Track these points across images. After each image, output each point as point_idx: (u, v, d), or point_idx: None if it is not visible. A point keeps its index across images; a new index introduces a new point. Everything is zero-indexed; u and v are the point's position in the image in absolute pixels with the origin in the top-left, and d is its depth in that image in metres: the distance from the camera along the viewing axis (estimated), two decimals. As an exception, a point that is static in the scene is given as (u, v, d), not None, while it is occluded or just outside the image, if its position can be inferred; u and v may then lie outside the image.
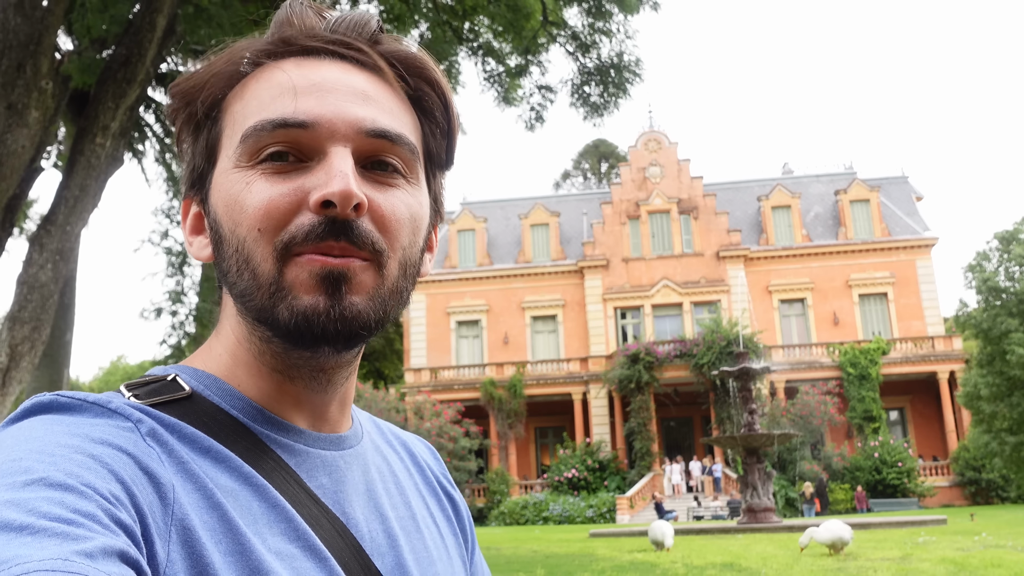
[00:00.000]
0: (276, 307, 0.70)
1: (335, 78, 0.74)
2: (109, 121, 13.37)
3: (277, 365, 0.75)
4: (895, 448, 33.28)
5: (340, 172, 0.69)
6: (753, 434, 19.13)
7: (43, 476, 0.55)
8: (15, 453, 0.58)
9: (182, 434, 0.68)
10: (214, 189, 0.75)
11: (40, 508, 0.52)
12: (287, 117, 0.71)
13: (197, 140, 0.77)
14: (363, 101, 0.73)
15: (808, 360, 36.80)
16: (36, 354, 12.87)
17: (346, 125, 0.72)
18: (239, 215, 0.71)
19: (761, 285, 39.85)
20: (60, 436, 0.60)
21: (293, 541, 0.67)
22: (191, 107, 0.76)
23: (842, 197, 40.64)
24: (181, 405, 0.71)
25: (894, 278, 39.05)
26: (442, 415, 34.26)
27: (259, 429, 0.73)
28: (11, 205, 13.01)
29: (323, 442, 0.77)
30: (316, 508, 0.71)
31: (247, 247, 0.71)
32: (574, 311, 40.82)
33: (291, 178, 0.71)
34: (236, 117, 0.74)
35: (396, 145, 0.74)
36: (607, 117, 17.74)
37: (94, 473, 0.57)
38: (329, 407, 0.79)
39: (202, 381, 0.75)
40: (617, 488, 34.30)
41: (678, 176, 41.67)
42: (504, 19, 16.01)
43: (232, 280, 0.73)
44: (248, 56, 0.75)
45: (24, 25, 12.03)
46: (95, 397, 0.66)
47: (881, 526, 17.01)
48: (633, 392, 35.08)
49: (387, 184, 0.74)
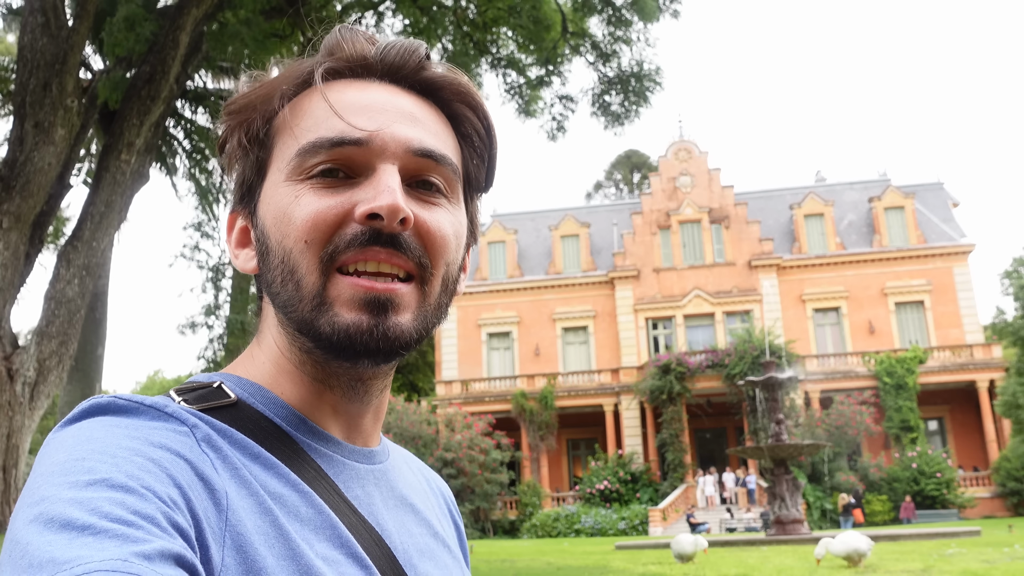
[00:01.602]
0: (318, 320, 0.72)
1: (385, 100, 0.77)
2: (134, 138, 13.61)
3: (317, 374, 0.77)
4: (934, 458, 32.66)
5: (388, 187, 0.72)
6: (780, 445, 18.87)
7: (106, 477, 0.57)
8: (78, 452, 0.59)
9: (233, 440, 0.69)
10: (263, 202, 0.78)
11: (102, 508, 0.54)
12: (344, 135, 0.74)
13: (248, 155, 0.80)
14: (411, 122, 0.77)
15: (843, 370, 36.30)
16: (64, 368, 13.10)
17: (395, 143, 0.75)
18: (287, 227, 0.74)
19: (794, 294, 39.43)
20: (121, 438, 0.62)
21: (338, 548, 0.69)
22: (246, 124, 0.79)
23: (876, 204, 40.12)
24: (228, 412, 0.72)
25: (931, 286, 38.43)
26: (473, 427, 34.26)
27: (300, 438, 0.75)
28: (39, 221, 13.26)
29: (357, 455, 0.79)
30: (355, 517, 0.73)
31: (293, 258, 0.73)
32: (605, 322, 40.67)
33: (339, 192, 0.74)
34: (289, 134, 0.77)
35: (440, 165, 0.77)
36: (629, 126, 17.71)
37: (153, 476, 0.59)
38: (364, 418, 0.81)
39: (246, 389, 0.77)
40: (650, 500, 34.03)
41: (709, 185, 41.42)
42: (525, 31, 16.07)
43: (276, 290, 0.75)
44: (302, 77, 0.78)
45: (50, 45, 12.29)
46: (152, 400, 0.67)
47: (911, 538, 16.69)
48: (665, 403, 34.83)
49: (430, 202, 0.77)
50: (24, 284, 13.99)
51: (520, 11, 15.98)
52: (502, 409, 37.82)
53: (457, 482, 32.87)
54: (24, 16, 12.99)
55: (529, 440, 37.47)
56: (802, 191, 42.98)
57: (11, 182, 12.49)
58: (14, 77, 14.09)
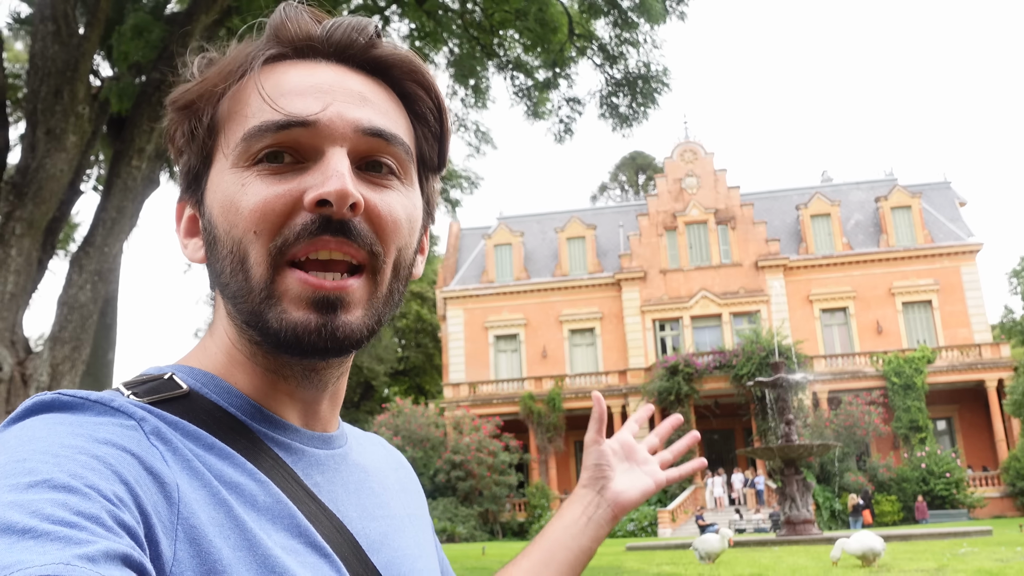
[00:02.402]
0: (266, 314, 0.71)
1: (332, 80, 0.75)
2: (144, 144, 13.66)
3: (269, 365, 0.76)
4: (943, 459, 32.58)
5: (336, 172, 0.70)
6: (790, 445, 18.85)
7: (47, 478, 0.55)
8: (19, 453, 0.57)
9: (185, 432, 0.68)
10: (209, 191, 0.76)
11: (43, 511, 0.52)
12: (290, 118, 0.72)
13: (192, 142, 0.78)
14: (360, 102, 0.75)
15: (851, 370, 36.23)
16: (77, 373, 13.15)
17: (344, 124, 0.73)
18: (234, 216, 0.72)
19: (802, 294, 39.38)
20: (64, 436, 0.60)
21: (296, 537, 0.68)
22: (190, 114, 0.77)
23: (883, 204, 40.05)
24: (180, 403, 0.71)
25: (938, 285, 38.34)
26: (481, 429, 34.27)
27: (256, 427, 0.74)
28: (52, 227, 13.32)
29: (316, 441, 0.78)
30: (314, 505, 0.72)
31: (242, 249, 0.72)
32: (612, 324, 40.66)
33: (287, 179, 0.72)
34: (234, 119, 0.75)
35: (391, 145, 0.75)
36: (637, 127, 17.71)
37: (97, 474, 0.57)
38: (320, 404, 0.80)
39: (199, 379, 0.75)
40: (658, 501, 34.00)
41: (715, 186, 41.40)
42: (532, 33, 16.09)
43: (225, 281, 0.74)
44: (245, 60, 0.76)
45: (61, 53, 12.36)
46: (97, 395, 0.66)
47: (923, 537, 16.67)
48: (673, 404, 34.81)
49: (381, 185, 0.75)
50: (36, 290, 14.06)
51: (527, 14, 16.00)
52: (510, 411, 37.83)
53: (466, 484, 32.88)
54: (35, 24, 13.06)
55: (537, 442, 37.47)
56: (808, 191, 42.93)
57: (24, 189, 12.56)
58: (24, 84, 14.17)
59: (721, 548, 12.71)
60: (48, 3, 12.47)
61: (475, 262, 43.30)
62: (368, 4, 18.26)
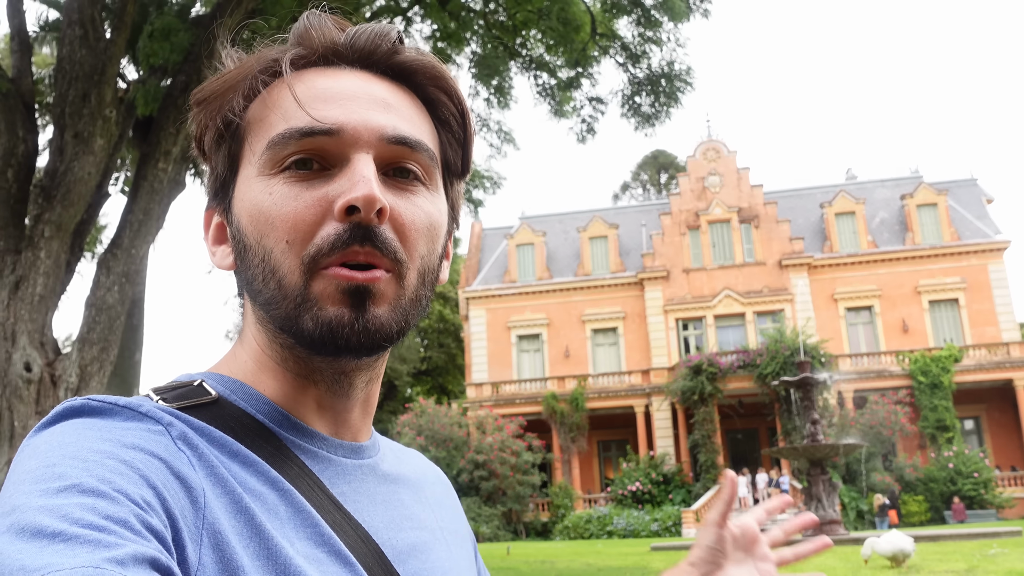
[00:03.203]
0: (301, 317, 0.72)
1: (356, 87, 0.76)
2: (170, 147, 13.78)
3: (300, 370, 0.76)
4: (970, 458, 32.23)
5: (363, 177, 0.71)
6: (816, 445, 18.71)
7: (76, 482, 0.56)
8: (49, 459, 0.58)
9: (211, 438, 0.69)
10: (237, 198, 0.77)
11: (73, 515, 0.53)
12: (314, 125, 0.72)
13: (219, 150, 0.78)
14: (384, 109, 0.75)
15: (877, 369, 35.92)
16: (105, 374, 13.29)
17: (368, 132, 0.73)
18: (265, 226, 0.73)
19: (826, 293, 39.09)
20: (93, 441, 0.61)
21: (319, 546, 0.68)
22: (218, 117, 0.77)
23: (908, 202, 39.68)
24: (208, 409, 0.72)
25: (965, 283, 37.94)
26: (504, 429, 34.29)
27: (283, 434, 0.74)
28: (79, 230, 13.48)
29: (344, 450, 0.78)
30: (339, 514, 0.72)
31: (274, 259, 0.72)
32: (635, 323, 40.55)
33: (315, 186, 0.72)
34: (260, 126, 0.75)
35: (416, 152, 0.76)
36: (659, 127, 17.66)
37: (126, 479, 0.58)
38: (351, 412, 0.80)
39: (228, 386, 0.76)
40: (682, 501, 33.88)
41: (738, 185, 41.19)
42: (555, 32, 16.08)
43: (257, 289, 0.74)
44: (270, 66, 0.77)
45: (88, 57, 12.50)
46: (126, 401, 0.67)
47: (952, 538, 16.50)
48: (696, 404, 34.66)
49: (407, 190, 0.75)
50: (65, 292, 14.22)
51: (549, 13, 16.00)
52: (533, 411, 37.82)
53: (489, 484, 32.92)
54: (63, 29, 13.21)
55: (560, 442, 37.45)
56: (833, 189, 42.61)
57: (52, 192, 12.71)
58: (51, 89, 14.33)
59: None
60: (75, 8, 12.61)
61: (497, 262, 43.33)
62: (391, 5, 18.33)
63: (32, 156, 13.18)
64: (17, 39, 13.54)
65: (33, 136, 13.18)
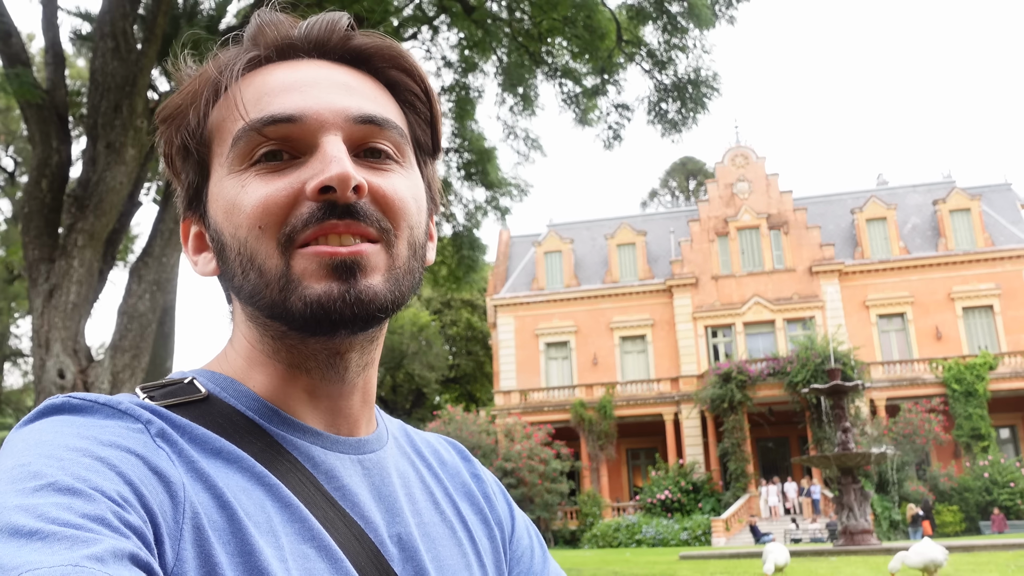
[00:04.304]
0: (288, 299, 0.71)
1: (316, 75, 0.76)
2: (200, 156, 14.00)
3: (292, 359, 0.75)
4: (1006, 468, 31.69)
5: (335, 157, 0.70)
6: (847, 453, 18.49)
7: (52, 481, 0.56)
8: (25, 457, 0.58)
9: (192, 435, 0.68)
10: (211, 200, 0.76)
11: (49, 513, 0.53)
12: (275, 113, 0.72)
13: (187, 159, 0.78)
14: (347, 92, 0.75)
15: (910, 377, 35.46)
16: (136, 381, 13.47)
17: (333, 114, 0.73)
18: (238, 217, 0.72)
19: (858, 300, 38.67)
20: (69, 439, 0.61)
21: (307, 541, 0.67)
22: (179, 129, 0.77)
23: (941, 207, 39.20)
24: (196, 407, 0.72)
25: (1000, 289, 37.37)
26: (532, 437, 34.25)
27: (275, 430, 0.74)
28: (111, 238, 13.68)
29: (342, 445, 0.77)
30: (332, 511, 0.71)
31: (250, 246, 0.72)
32: (663, 330, 40.36)
33: (286, 174, 0.72)
34: (224, 127, 0.75)
35: (385, 129, 0.75)
36: (686, 133, 17.58)
37: (102, 476, 0.58)
38: (348, 399, 0.78)
39: (218, 383, 0.76)
40: (712, 510, 33.62)
41: (767, 191, 40.92)
42: (580, 40, 16.10)
43: (239, 283, 0.74)
44: (227, 69, 0.76)
45: (120, 68, 12.70)
46: (106, 399, 0.67)
47: (985, 548, 16.26)
48: (726, 412, 34.40)
49: (381, 169, 0.75)
50: (97, 300, 14.43)
51: (575, 21, 16.02)
52: (561, 419, 37.74)
53: (517, 492, 32.89)
54: (95, 41, 13.43)
55: (588, 450, 37.33)
56: (864, 195, 42.20)
57: (85, 201, 12.91)
58: (86, 100, 14.57)
59: (786, 561, 12.42)
60: (108, 21, 12.83)
61: (525, 269, 43.35)
62: (417, 15, 18.46)
63: (65, 166, 13.41)
64: (51, 52, 13.80)
65: (66, 147, 13.41)
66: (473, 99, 18.50)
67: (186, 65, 0.80)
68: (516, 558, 0.91)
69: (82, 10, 16.19)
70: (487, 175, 17.56)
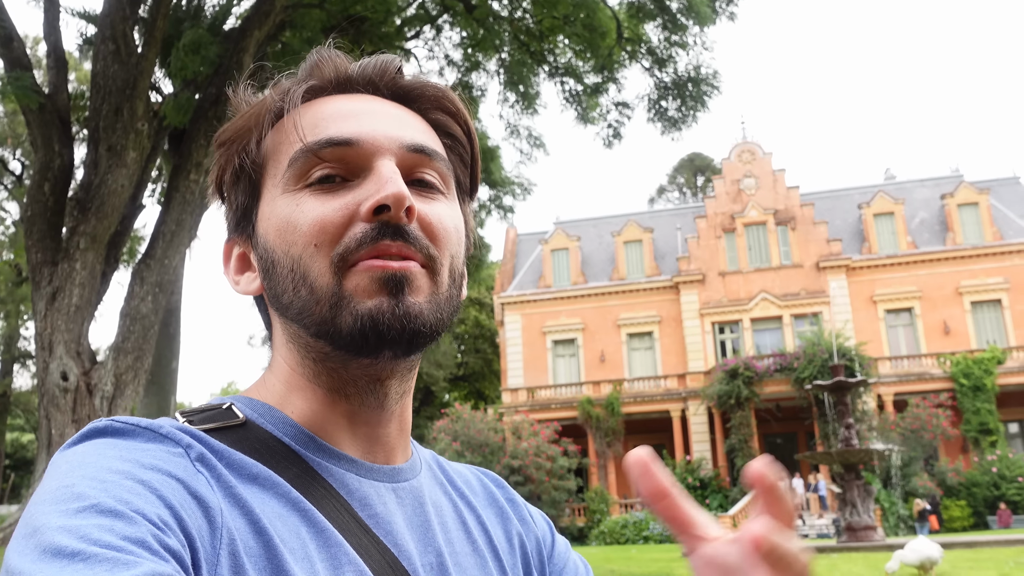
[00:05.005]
0: (338, 316, 0.72)
1: (370, 106, 0.80)
2: (202, 158, 14.04)
3: (333, 383, 0.77)
4: (1015, 462, 31.56)
5: (390, 178, 0.73)
6: (850, 450, 18.47)
7: (95, 503, 0.57)
8: (69, 479, 0.60)
9: (230, 460, 0.70)
10: (262, 220, 0.79)
11: (91, 535, 0.54)
12: (332, 136, 0.75)
13: (238, 181, 0.81)
14: (399, 123, 0.79)
15: (917, 371, 35.35)
16: (140, 382, 13.56)
17: (388, 140, 0.76)
18: (293, 235, 0.74)
19: (865, 295, 38.57)
20: (111, 461, 0.62)
21: (341, 567, 0.68)
22: (237, 153, 0.81)
23: (949, 201, 39.04)
24: (234, 432, 0.73)
25: (1008, 283, 37.20)
26: (539, 434, 34.30)
27: (311, 456, 0.75)
28: (114, 241, 13.78)
29: (377, 473, 0.78)
30: (366, 537, 0.72)
31: (303, 264, 0.74)
32: (670, 327, 40.35)
33: (341, 195, 0.75)
34: (280, 150, 0.78)
35: (433, 160, 0.79)
36: (686, 130, 17.58)
37: (143, 499, 0.59)
38: (386, 427, 0.80)
39: (256, 409, 0.77)
40: (720, 507, 33.61)
41: (774, 187, 40.83)
42: (581, 38, 16.13)
43: (288, 301, 0.76)
44: (287, 96, 0.80)
45: (121, 72, 12.78)
46: (147, 423, 0.69)
47: (988, 544, 16.19)
48: (733, 408, 34.38)
49: (428, 198, 0.78)
50: (101, 302, 14.49)
51: (575, 20, 16.05)
52: (568, 416, 37.77)
53: (524, 489, 32.94)
54: (96, 44, 13.51)
55: (596, 447, 37.36)
56: (871, 190, 42.06)
57: (87, 204, 12.99)
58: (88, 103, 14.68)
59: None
60: (108, 24, 12.89)
61: (532, 267, 43.38)
62: (420, 14, 18.49)
63: (68, 170, 13.50)
64: (53, 55, 13.87)
65: (69, 150, 13.51)
66: (476, 98, 18.53)
67: (244, 92, 0.83)
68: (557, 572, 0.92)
69: (87, 11, 16.24)
70: (490, 174, 17.61)
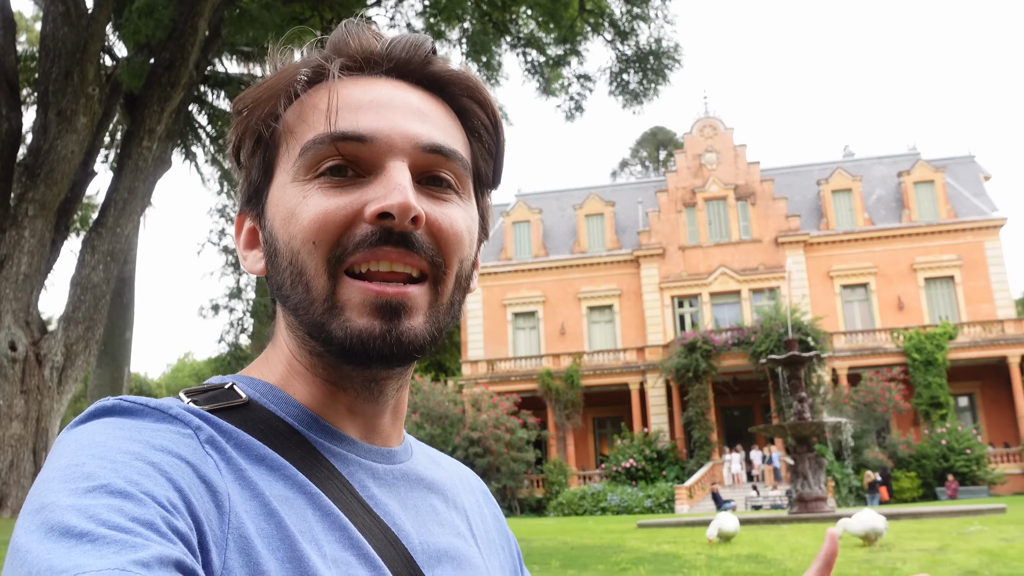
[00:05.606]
0: (329, 324, 0.72)
1: (391, 95, 0.76)
2: (155, 124, 13.74)
3: (330, 376, 0.76)
4: (963, 435, 32.35)
5: (399, 185, 0.71)
6: (802, 423, 18.79)
7: (105, 483, 0.57)
8: (78, 457, 0.59)
9: (238, 442, 0.69)
10: (270, 203, 0.77)
11: (100, 515, 0.54)
12: (346, 131, 0.73)
13: (255, 155, 0.79)
14: (419, 118, 0.76)
15: (872, 346, 36.00)
16: (91, 353, 13.33)
17: (403, 140, 0.74)
18: (294, 227, 0.73)
19: (822, 271, 39.10)
20: (122, 442, 0.61)
21: (347, 549, 0.68)
22: (253, 121, 0.78)
23: (905, 179, 39.59)
24: (238, 412, 0.72)
25: (961, 261, 37.92)
26: (499, 407, 34.42)
27: (313, 437, 0.74)
28: (64, 208, 13.46)
29: (374, 454, 0.78)
30: (368, 518, 0.72)
31: (301, 259, 0.73)
32: (630, 300, 40.60)
33: (348, 192, 0.73)
34: (295, 132, 0.76)
35: (450, 160, 0.76)
36: (647, 104, 17.56)
37: (153, 481, 0.59)
38: (381, 417, 0.80)
39: (258, 389, 0.76)
40: (676, 478, 34.07)
41: (735, 162, 41.09)
42: (543, 8, 16.00)
43: (286, 293, 0.75)
44: (307, 73, 0.77)
45: (71, 34, 12.42)
46: (156, 403, 0.68)
47: (934, 515, 16.58)
48: (691, 381, 34.78)
49: (441, 198, 0.76)
50: (51, 271, 14.19)
51: (537, -11, 15.89)
52: (528, 388, 37.95)
53: (483, 461, 33.11)
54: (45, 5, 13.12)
55: (555, 419, 37.61)
56: (830, 166, 42.51)
57: (35, 170, 12.68)
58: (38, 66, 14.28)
59: (734, 530, 12.46)
60: (57, -16, 12.50)
61: (493, 239, 43.29)
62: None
63: (16, 135, 13.14)
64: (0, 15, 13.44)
65: (17, 115, 13.14)
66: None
67: (277, 55, 0.80)
68: None
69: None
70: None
